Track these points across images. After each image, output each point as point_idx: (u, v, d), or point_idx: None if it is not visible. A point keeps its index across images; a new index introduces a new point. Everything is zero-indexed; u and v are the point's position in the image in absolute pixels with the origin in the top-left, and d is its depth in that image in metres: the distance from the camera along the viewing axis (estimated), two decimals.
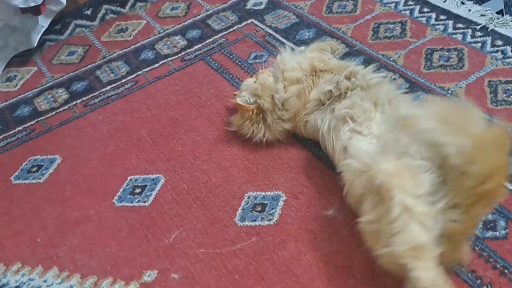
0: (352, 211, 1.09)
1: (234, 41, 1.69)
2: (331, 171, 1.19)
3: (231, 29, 1.75)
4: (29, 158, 1.40)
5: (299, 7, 1.79)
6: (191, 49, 1.70)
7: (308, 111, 1.21)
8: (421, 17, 1.62)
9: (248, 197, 1.18)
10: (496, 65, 1.38)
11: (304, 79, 1.23)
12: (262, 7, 1.83)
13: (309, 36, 1.63)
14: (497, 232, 1.00)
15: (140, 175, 1.29)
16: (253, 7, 1.84)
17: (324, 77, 1.22)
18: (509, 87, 1.30)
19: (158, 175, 1.28)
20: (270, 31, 1.70)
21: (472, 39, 1.48)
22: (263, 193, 1.18)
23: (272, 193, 1.18)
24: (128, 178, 1.29)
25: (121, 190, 1.26)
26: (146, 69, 1.66)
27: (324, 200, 1.14)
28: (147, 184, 1.27)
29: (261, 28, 1.72)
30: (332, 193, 1.15)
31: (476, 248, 0.99)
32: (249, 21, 1.77)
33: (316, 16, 1.72)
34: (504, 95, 1.28)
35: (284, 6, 1.80)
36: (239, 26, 1.76)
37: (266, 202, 1.16)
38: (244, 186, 1.21)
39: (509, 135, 0.76)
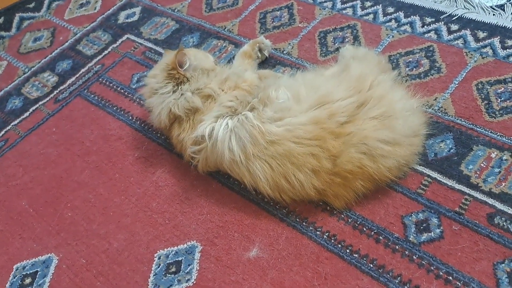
0: (276, 246, 0.96)
1: (111, 66, 1.47)
2: (246, 201, 1.05)
3: (106, 51, 1.52)
4: None
5: (176, 10, 1.58)
6: (64, 86, 1.46)
7: None
8: None
9: (159, 258, 1.01)
10: (393, 36, 1.28)
11: None
12: (136, 18, 1.61)
13: (193, 42, 1.45)
14: (432, 233, 0.91)
15: (27, 260, 1.07)
16: (126, 20, 1.61)
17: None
18: (411, 59, 1.21)
19: (49, 254, 1.07)
20: (149, 44, 1.49)
21: (363, 11, 1.37)
22: (175, 248, 1.01)
23: (185, 245, 1.01)
24: (14, 267, 1.07)
25: (7, 285, 1.04)
26: (15, 122, 1.40)
27: (244, 239, 0.99)
28: (38, 269, 1.05)
29: (139, 44, 1.51)
30: (251, 228, 1.00)
31: (414, 257, 0.89)
32: (124, 38, 1.55)
33: (197, 17, 1.53)
34: (407, 69, 1.19)
35: (160, 12, 1.59)
36: (114, 46, 1.53)
37: (180, 258, 1.00)
38: (152, 244, 1.03)
39: None
